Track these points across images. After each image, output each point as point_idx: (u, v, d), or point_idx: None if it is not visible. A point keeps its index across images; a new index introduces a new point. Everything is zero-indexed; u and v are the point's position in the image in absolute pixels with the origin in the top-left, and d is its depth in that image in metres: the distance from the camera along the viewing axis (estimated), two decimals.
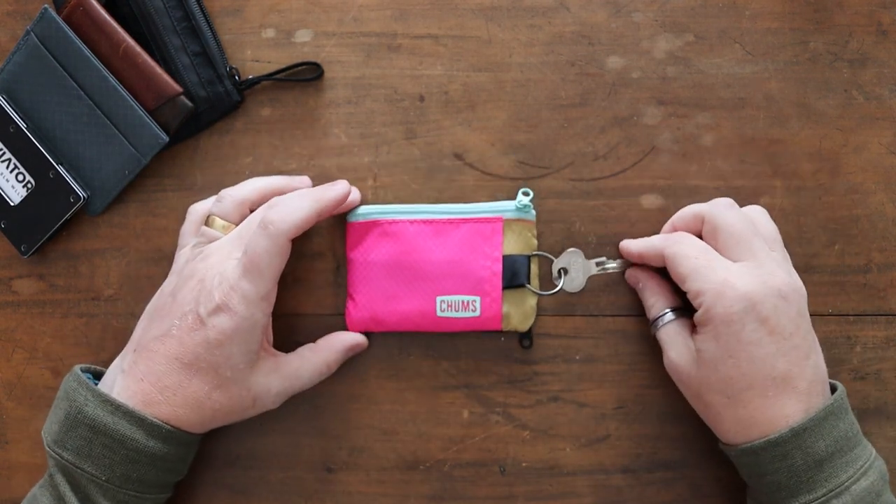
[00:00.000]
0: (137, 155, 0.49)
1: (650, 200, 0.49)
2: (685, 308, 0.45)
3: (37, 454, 0.51)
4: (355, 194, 0.48)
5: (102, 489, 0.41)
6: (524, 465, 0.48)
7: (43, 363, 0.51)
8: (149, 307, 0.45)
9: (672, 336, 0.44)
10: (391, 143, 0.50)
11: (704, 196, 0.48)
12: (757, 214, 0.45)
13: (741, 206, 0.47)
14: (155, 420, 0.41)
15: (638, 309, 0.48)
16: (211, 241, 0.44)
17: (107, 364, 0.50)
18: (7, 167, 0.50)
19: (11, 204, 0.50)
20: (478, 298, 0.46)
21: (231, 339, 0.41)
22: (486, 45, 0.50)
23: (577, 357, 0.48)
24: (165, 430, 0.41)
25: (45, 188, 0.49)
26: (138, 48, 0.48)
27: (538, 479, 0.48)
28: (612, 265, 0.48)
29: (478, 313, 0.46)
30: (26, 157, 0.50)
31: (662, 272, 0.46)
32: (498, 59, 0.49)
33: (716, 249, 0.43)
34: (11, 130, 0.49)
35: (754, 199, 0.48)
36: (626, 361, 0.48)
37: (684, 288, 0.43)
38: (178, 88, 0.48)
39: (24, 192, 0.50)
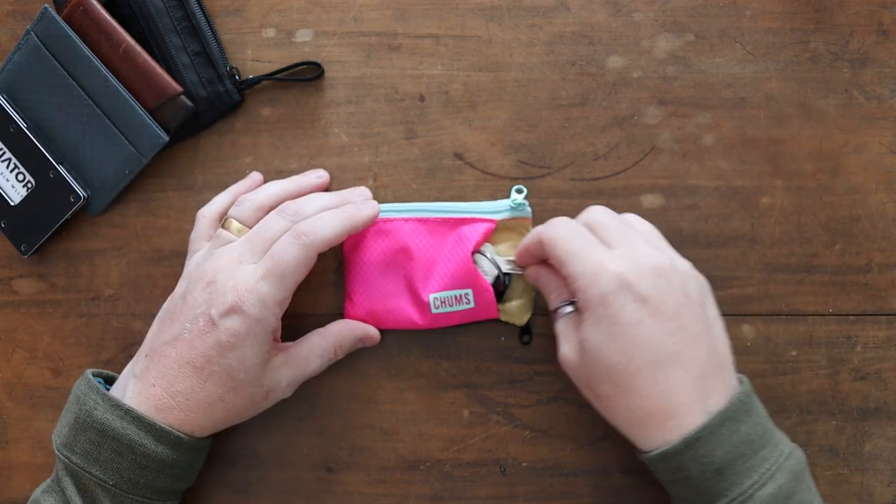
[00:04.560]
0: (138, 154, 0.49)
1: (650, 200, 0.49)
2: None
3: (37, 454, 0.51)
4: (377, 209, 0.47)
5: (110, 494, 0.41)
6: (524, 465, 0.48)
7: (43, 363, 0.51)
8: (161, 312, 0.45)
9: (567, 328, 0.42)
10: (391, 143, 0.50)
11: (704, 196, 0.48)
12: (632, 217, 0.44)
13: (741, 205, 0.47)
14: (164, 426, 0.41)
15: None
16: (225, 244, 0.44)
17: (109, 364, 0.50)
18: (7, 167, 0.50)
19: (11, 204, 0.50)
20: (470, 291, 0.46)
21: (244, 341, 0.41)
22: (486, 45, 0.50)
23: None
24: (174, 437, 0.41)
25: (46, 188, 0.49)
26: (138, 48, 0.48)
27: (538, 479, 0.48)
28: (518, 268, 0.46)
29: (472, 304, 0.46)
30: (26, 156, 0.50)
31: None
32: (498, 58, 0.49)
33: None
34: (12, 130, 0.49)
35: (755, 198, 0.48)
36: None
37: (563, 273, 0.41)
38: (178, 88, 0.48)
39: (24, 192, 0.50)
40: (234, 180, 0.50)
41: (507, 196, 0.49)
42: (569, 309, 0.43)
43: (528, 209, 0.47)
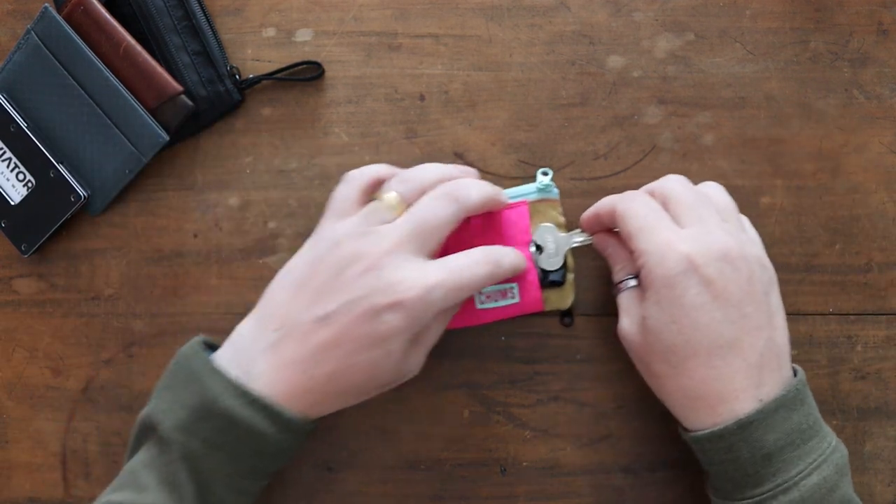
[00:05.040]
0: (138, 154, 0.49)
1: None
2: None
3: (37, 454, 0.51)
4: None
5: (227, 479, 0.39)
6: (525, 464, 0.48)
7: (43, 363, 0.51)
8: (289, 277, 0.41)
9: (629, 301, 0.42)
10: (392, 143, 0.50)
11: None
12: (712, 189, 0.43)
13: (741, 205, 0.47)
14: (293, 416, 0.39)
15: None
16: (382, 221, 0.40)
17: (110, 364, 0.50)
18: (7, 166, 0.50)
19: (12, 203, 0.50)
20: (515, 285, 0.46)
21: (399, 337, 0.39)
22: (486, 45, 0.50)
23: (578, 356, 0.48)
24: (301, 425, 0.39)
25: (46, 187, 0.49)
26: (139, 47, 0.48)
27: (539, 479, 0.48)
28: (584, 237, 0.46)
29: (517, 299, 0.46)
30: (27, 156, 0.50)
31: None
32: (498, 58, 0.49)
33: None
34: (12, 130, 0.49)
35: (755, 198, 0.48)
36: (626, 360, 0.48)
37: (630, 247, 0.41)
38: (178, 88, 0.48)
39: (24, 192, 0.50)
40: (235, 180, 0.50)
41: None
42: (633, 283, 0.43)
43: (556, 190, 0.47)
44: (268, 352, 0.39)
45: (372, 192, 0.43)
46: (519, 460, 0.48)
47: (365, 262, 0.39)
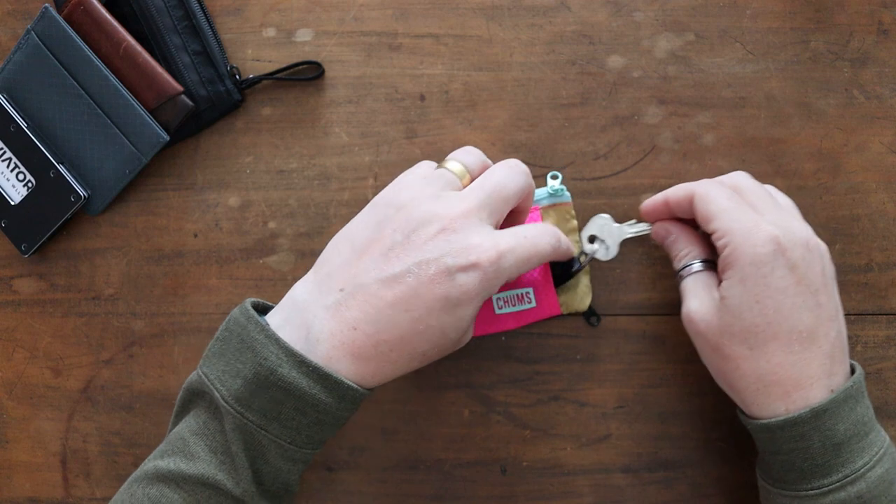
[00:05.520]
0: (138, 154, 0.49)
1: None
2: (715, 262, 0.43)
3: (37, 453, 0.51)
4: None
5: (282, 449, 0.37)
6: (525, 464, 0.48)
7: (43, 363, 0.51)
8: (350, 242, 0.39)
9: (697, 284, 0.42)
10: (392, 143, 0.50)
11: None
12: (772, 189, 0.44)
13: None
14: (352, 384, 0.37)
15: (639, 308, 0.48)
16: (451, 187, 0.40)
17: (110, 364, 0.50)
18: (8, 166, 0.50)
19: (12, 203, 0.50)
20: (530, 290, 0.46)
21: (471, 300, 0.37)
22: (486, 45, 0.50)
23: (578, 356, 0.48)
24: (359, 394, 0.37)
25: (46, 187, 0.49)
26: (139, 47, 0.48)
27: (539, 479, 0.48)
28: (643, 227, 0.46)
29: (534, 304, 0.46)
30: (27, 156, 0.50)
31: (691, 225, 0.45)
32: (499, 58, 0.49)
33: None
34: (12, 130, 0.49)
35: None
36: (626, 361, 0.48)
37: (710, 228, 0.41)
38: (178, 87, 0.48)
39: (24, 192, 0.50)
40: (235, 180, 0.50)
41: None
42: (698, 266, 0.43)
43: (568, 194, 0.47)
44: (331, 311, 0.37)
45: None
46: (519, 460, 0.48)
47: (438, 223, 0.37)
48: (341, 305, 0.37)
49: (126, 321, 0.50)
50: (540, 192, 0.47)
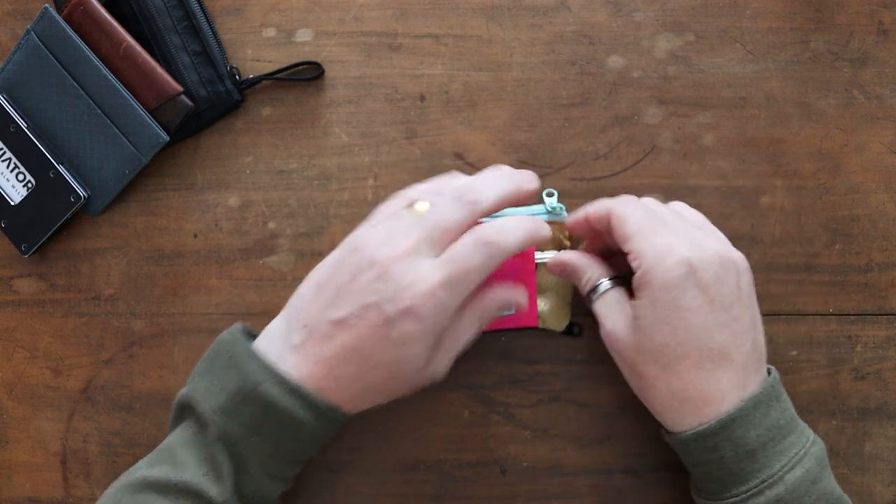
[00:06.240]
0: (138, 154, 0.49)
1: None
2: (621, 277, 0.43)
3: (37, 453, 0.51)
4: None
5: (264, 462, 0.40)
6: (525, 464, 0.48)
7: (43, 363, 0.51)
8: (314, 278, 0.41)
9: (609, 304, 0.42)
10: (392, 143, 0.50)
11: (705, 195, 0.48)
12: (679, 207, 0.44)
13: (741, 205, 0.47)
14: (331, 404, 0.39)
15: None
16: (400, 221, 0.40)
17: (110, 364, 0.50)
18: (7, 166, 0.50)
19: (12, 203, 0.50)
20: None
21: (415, 342, 0.39)
22: (486, 45, 0.50)
23: (578, 357, 0.48)
24: (338, 416, 0.40)
25: (46, 187, 0.49)
26: (139, 47, 0.48)
27: (539, 479, 0.48)
28: (549, 254, 0.45)
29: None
30: (27, 156, 0.49)
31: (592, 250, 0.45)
32: (499, 58, 0.49)
33: None
34: (12, 130, 0.49)
35: (755, 198, 0.48)
36: None
37: (626, 248, 0.41)
38: (178, 88, 0.48)
39: (24, 192, 0.50)
40: (235, 180, 0.50)
41: None
42: (607, 285, 0.43)
43: (565, 214, 0.47)
44: (296, 348, 0.40)
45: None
46: (519, 460, 0.48)
47: (378, 267, 0.39)
48: (302, 344, 0.39)
49: (126, 321, 0.50)
50: (536, 210, 0.47)
